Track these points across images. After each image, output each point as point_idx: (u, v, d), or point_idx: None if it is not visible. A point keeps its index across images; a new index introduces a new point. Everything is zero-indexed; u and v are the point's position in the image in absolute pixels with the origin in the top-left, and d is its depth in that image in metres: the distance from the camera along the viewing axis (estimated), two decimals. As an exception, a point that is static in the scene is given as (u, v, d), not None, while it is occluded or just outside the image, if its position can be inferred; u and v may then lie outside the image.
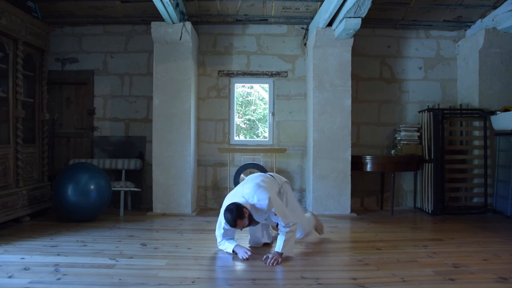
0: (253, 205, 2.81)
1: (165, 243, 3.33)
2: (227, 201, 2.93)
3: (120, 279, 2.41)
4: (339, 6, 3.95)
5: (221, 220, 2.98)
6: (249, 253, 2.88)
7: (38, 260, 2.77)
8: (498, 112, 4.62)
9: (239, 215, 2.72)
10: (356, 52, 4.97)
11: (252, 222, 2.85)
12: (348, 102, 4.66)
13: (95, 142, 5.16)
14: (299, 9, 4.82)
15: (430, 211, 4.72)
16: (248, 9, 4.86)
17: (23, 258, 2.81)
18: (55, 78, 5.07)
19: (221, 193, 5.13)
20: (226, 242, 3.01)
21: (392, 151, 5.05)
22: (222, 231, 3.01)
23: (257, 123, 7.17)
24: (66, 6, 4.78)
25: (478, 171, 4.84)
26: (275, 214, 2.80)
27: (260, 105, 7.23)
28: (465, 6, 4.78)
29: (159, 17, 4.40)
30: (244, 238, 3.43)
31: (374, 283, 2.40)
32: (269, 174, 3.27)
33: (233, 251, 2.93)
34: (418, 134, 4.95)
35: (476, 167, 4.86)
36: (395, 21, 5.10)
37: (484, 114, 4.78)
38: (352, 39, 4.59)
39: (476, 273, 2.58)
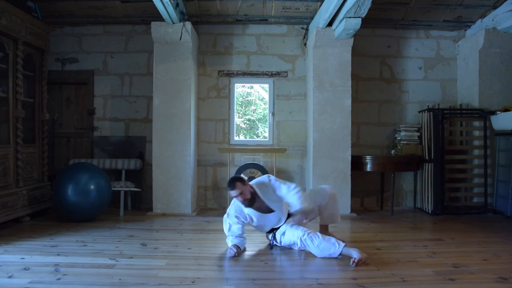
0: (256, 184, 3.05)
1: (165, 243, 3.33)
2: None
3: (120, 279, 2.41)
4: (339, 6, 3.95)
5: (227, 214, 3.12)
6: (234, 250, 2.92)
7: (38, 260, 2.77)
8: (498, 112, 4.62)
9: (239, 179, 3.00)
10: (356, 52, 4.96)
11: (256, 199, 2.99)
12: (348, 102, 4.66)
13: (95, 142, 5.16)
14: (299, 9, 4.82)
15: (430, 211, 4.72)
16: (248, 9, 4.86)
17: (23, 258, 2.81)
18: (55, 78, 5.07)
19: (221, 193, 5.13)
20: (231, 237, 3.05)
21: (392, 151, 5.05)
22: (228, 225, 3.08)
23: (257, 123, 7.17)
24: (66, 6, 4.78)
25: (478, 171, 4.84)
26: (276, 181, 3.06)
27: (260, 105, 7.23)
28: (465, 6, 4.78)
29: (159, 17, 4.40)
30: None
31: (374, 283, 2.40)
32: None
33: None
34: (418, 134, 4.95)
35: (476, 167, 4.86)
36: (395, 21, 5.10)
37: (484, 114, 4.78)
38: (352, 39, 4.59)
39: (476, 273, 2.58)
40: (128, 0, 4.67)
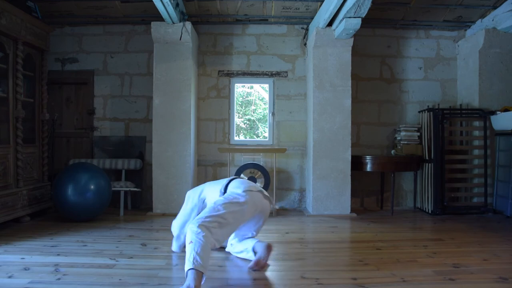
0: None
1: (165, 243, 3.33)
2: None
3: (120, 279, 2.41)
4: (339, 6, 3.95)
5: None
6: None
7: (38, 260, 2.77)
8: (498, 112, 4.62)
9: None
10: (356, 52, 4.97)
11: None
12: (348, 102, 4.66)
13: (95, 142, 5.16)
14: (299, 9, 4.82)
15: (430, 211, 4.72)
16: (248, 9, 4.86)
17: (23, 258, 2.81)
18: (55, 78, 5.07)
19: (221, 193, 5.12)
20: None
21: (392, 151, 5.05)
22: None
23: (257, 123, 7.17)
24: (66, 6, 4.78)
25: (478, 171, 4.84)
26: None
27: (260, 105, 7.23)
28: (465, 6, 4.78)
29: (159, 17, 4.40)
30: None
31: (374, 283, 2.40)
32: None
33: None
34: (418, 134, 4.95)
35: (476, 167, 4.86)
36: (395, 21, 5.10)
37: (484, 114, 4.78)
38: (352, 39, 4.59)
39: (476, 273, 2.58)
40: (128, 0, 4.67)
